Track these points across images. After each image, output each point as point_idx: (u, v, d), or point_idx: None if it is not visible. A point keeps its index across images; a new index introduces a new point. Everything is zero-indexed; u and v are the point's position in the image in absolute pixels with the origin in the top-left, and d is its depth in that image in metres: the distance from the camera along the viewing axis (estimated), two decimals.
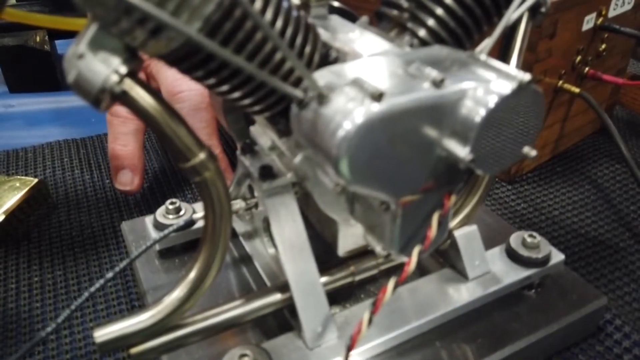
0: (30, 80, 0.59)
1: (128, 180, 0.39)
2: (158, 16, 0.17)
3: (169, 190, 0.43)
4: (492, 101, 0.20)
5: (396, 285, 0.22)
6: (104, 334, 0.22)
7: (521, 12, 0.25)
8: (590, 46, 0.42)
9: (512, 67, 0.21)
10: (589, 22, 0.40)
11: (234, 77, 0.20)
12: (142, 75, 0.42)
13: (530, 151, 0.22)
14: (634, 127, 0.52)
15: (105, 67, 0.18)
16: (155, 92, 0.20)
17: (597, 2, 0.40)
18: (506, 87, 0.20)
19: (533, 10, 0.27)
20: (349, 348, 0.22)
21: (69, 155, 0.48)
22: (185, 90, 0.38)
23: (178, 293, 0.23)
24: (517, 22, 0.27)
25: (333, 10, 0.28)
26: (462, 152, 0.20)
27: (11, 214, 0.39)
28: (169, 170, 0.46)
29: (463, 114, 0.20)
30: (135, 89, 0.19)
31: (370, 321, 0.21)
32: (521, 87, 0.20)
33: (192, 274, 0.22)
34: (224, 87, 0.21)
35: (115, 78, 0.18)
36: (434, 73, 0.20)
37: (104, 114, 0.40)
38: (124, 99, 0.19)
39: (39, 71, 0.59)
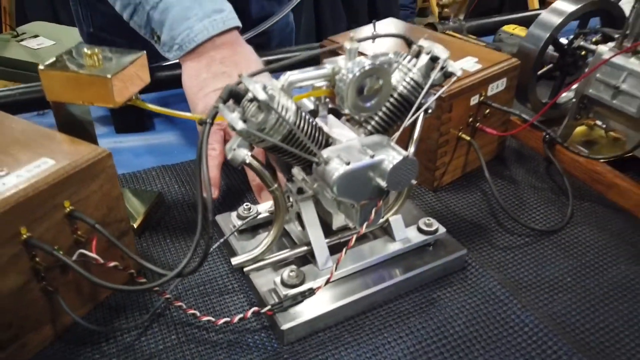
0: (128, 123, 0.89)
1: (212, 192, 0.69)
2: (266, 138, 0.47)
3: (237, 195, 0.73)
4: (394, 162, 0.49)
5: (358, 239, 0.52)
6: (235, 259, 0.52)
7: (417, 115, 0.55)
8: (478, 112, 0.72)
9: (403, 150, 0.50)
10: (474, 99, 0.70)
11: (289, 153, 0.50)
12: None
13: (413, 181, 0.52)
14: (520, 154, 0.82)
15: (242, 153, 0.48)
16: (257, 159, 0.50)
17: (479, 88, 0.70)
18: (399, 157, 0.50)
19: (425, 111, 0.57)
20: (336, 266, 0.52)
21: (168, 175, 0.77)
22: None
23: (264, 244, 0.53)
24: (416, 118, 0.57)
25: (330, 110, 0.58)
26: (383, 183, 0.50)
27: (147, 213, 0.68)
28: (237, 183, 0.75)
29: (382, 167, 0.50)
30: (252, 160, 0.49)
31: (345, 253, 0.51)
32: (405, 158, 0.50)
33: (271, 235, 0.52)
34: (283, 156, 0.51)
35: (247, 157, 0.48)
36: (370, 152, 0.50)
37: (183, 148, 0.71)
38: (247, 164, 0.49)
39: (133, 117, 0.89)
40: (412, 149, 0.57)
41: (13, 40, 2.32)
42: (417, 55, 0.54)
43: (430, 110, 0.56)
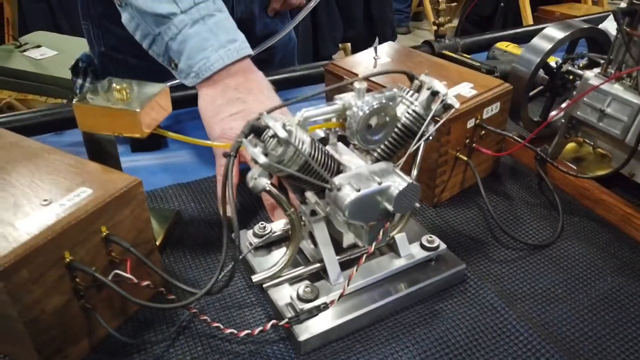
0: (143, 142, 0.93)
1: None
2: (284, 169, 0.52)
3: (250, 213, 0.78)
4: (399, 188, 0.55)
5: (366, 257, 0.57)
6: (256, 277, 0.57)
7: (419, 144, 0.60)
8: (474, 134, 0.77)
9: (407, 176, 0.55)
10: (471, 123, 0.75)
11: (303, 180, 0.55)
12: None
13: (416, 204, 0.57)
14: (514, 170, 0.87)
15: (263, 182, 0.53)
16: (275, 185, 0.55)
17: (475, 112, 0.75)
18: (404, 183, 0.55)
19: (426, 140, 0.62)
20: (348, 282, 0.57)
21: (185, 193, 0.82)
22: None
23: (281, 262, 0.58)
24: (419, 146, 0.62)
25: (339, 137, 0.63)
26: (389, 207, 0.55)
27: (167, 231, 0.73)
28: (250, 201, 0.80)
29: (389, 193, 0.55)
30: (270, 187, 0.54)
31: (356, 270, 0.56)
32: (409, 184, 0.55)
33: (288, 254, 0.57)
34: (298, 183, 0.56)
35: (267, 185, 0.53)
36: (377, 179, 0.55)
37: (197, 166, 0.76)
38: (267, 191, 0.54)
39: (149, 137, 0.93)
40: (414, 173, 0.62)
41: (16, 50, 2.36)
42: (419, 89, 0.59)
43: (431, 138, 0.62)
